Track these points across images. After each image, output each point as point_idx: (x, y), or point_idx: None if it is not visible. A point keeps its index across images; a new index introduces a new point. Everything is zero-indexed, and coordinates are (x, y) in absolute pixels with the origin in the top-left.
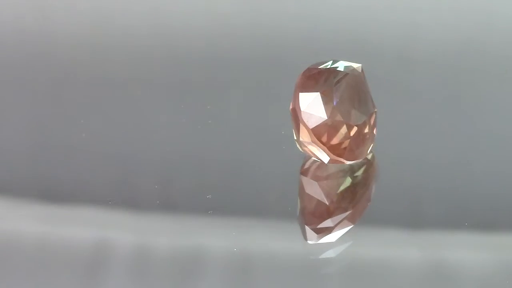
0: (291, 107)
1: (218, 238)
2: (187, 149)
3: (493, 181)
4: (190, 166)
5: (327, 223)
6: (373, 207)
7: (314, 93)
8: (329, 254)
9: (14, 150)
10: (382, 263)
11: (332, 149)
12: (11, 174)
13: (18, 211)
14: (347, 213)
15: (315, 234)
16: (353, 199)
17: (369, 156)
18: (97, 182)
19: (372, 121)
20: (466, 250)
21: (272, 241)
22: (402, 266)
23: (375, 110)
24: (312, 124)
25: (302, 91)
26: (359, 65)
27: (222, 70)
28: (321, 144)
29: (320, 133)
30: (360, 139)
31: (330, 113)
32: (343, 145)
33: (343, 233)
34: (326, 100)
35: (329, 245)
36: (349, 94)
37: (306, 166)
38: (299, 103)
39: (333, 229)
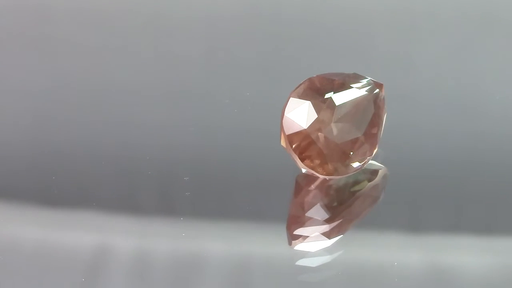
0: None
1: (218, 242)
2: (188, 152)
3: (494, 184)
4: (191, 170)
5: (306, 231)
6: (372, 210)
7: (304, 101)
8: (325, 259)
9: (13, 153)
10: (382, 266)
11: (304, 160)
12: (10, 178)
13: (18, 215)
14: (332, 224)
15: (293, 240)
16: (341, 212)
17: (375, 180)
18: (97, 186)
19: (367, 142)
20: (466, 253)
21: (272, 245)
22: (401, 270)
23: (378, 131)
24: (288, 130)
25: (294, 96)
26: (381, 83)
27: (233, 71)
28: (293, 153)
29: (294, 141)
30: (339, 156)
31: (311, 124)
32: (315, 159)
33: (324, 244)
34: (313, 111)
35: (323, 251)
36: (348, 111)
37: (303, 172)
38: (285, 107)
39: (314, 238)
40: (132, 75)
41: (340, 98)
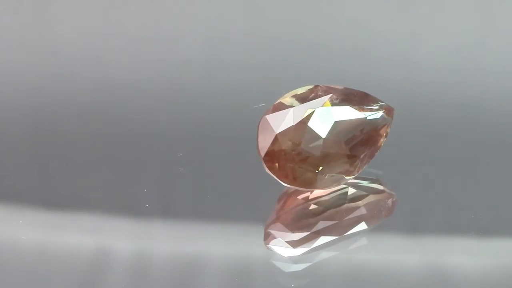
0: None
1: (217, 245)
2: (187, 155)
3: (493, 186)
4: (190, 172)
5: (280, 235)
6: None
7: (288, 106)
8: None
9: (13, 156)
10: (381, 268)
11: (267, 164)
12: (9, 180)
13: (17, 217)
14: (302, 234)
15: (265, 240)
16: (314, 225)
17: (357, 203)
18: (96, 189)
19: (344, 162)
20: (465, 255)
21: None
22: (400, 272)
23: (366, 153)
24: (261, 132)
25: (284, 99)
26: (392, 108)
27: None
28: (260, 154)
29: (264, 144)
30: (303, 170)
31: (283, 131)
32: (278, 165)
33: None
34: (291, 118)
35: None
36: (332, 128)
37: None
38: (270, 108)
39: (283, 244)
40: (132, 77)
41: (328, 112)
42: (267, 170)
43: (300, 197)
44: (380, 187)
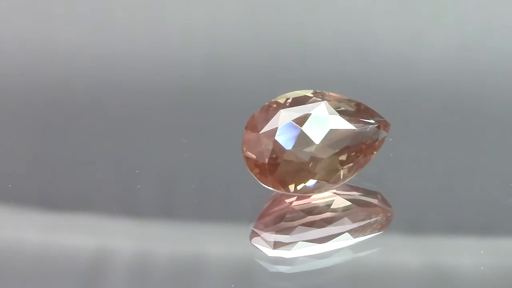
0: None
1: (218, 245)
2: (187, 156)
3: (493, 186)
4: (190, 173)
5: (266, 236)
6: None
7: (277, 109)
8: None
9: (14, 157)
10: (382, 268)
11: (247, 162)
12: (10, 182)
13: (18, 218)
14: (284, 237)
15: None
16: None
17: (340, 213)
18: (97, 190)
19: (335, 171)
20: (466, 255)
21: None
22: (401, 272)
23: (356, 162)
24: (247, 131)
25: (276, 100)
26: (387, 122)
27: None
28: (243, 153)
29: (247, 142)
30: (279, 174)
31: (266, 132)
32: (255, 164)
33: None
34: (277, 121)
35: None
36: (331, 138)
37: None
38: (261, 108)
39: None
40: (131, 76)
41: (324, 119)
42: (249, 170)
43: (288, 200)
44: (374, 201)
